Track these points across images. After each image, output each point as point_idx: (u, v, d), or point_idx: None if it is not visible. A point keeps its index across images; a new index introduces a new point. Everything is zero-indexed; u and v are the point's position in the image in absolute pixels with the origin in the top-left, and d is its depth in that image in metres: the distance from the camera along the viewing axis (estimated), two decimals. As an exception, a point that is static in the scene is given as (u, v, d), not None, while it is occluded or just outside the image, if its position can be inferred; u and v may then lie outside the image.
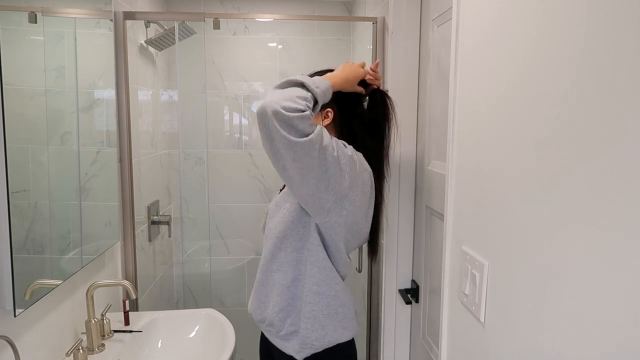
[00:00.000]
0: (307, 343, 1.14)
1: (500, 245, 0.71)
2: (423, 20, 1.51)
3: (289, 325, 1.16)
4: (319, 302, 1.14)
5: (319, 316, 1.14)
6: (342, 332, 1.18)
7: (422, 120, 1.52)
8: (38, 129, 1.08)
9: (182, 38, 2.22)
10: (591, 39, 0.50)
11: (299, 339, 1.14)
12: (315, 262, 1.13)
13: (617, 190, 0.46)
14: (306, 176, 1.00)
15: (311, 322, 1.14)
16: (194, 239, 2.58)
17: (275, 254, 1.16)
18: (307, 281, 1.14)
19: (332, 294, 1.16)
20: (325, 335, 1.15)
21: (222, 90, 2.50)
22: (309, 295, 1.14)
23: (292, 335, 1.16)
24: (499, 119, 0.71)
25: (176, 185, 2.53)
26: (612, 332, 0.47)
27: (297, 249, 1.14)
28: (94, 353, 1.29)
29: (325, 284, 1.15)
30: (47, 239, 1.12)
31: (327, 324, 1.15)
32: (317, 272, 1.14)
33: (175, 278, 2.53)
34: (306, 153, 0.98)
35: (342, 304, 1.18)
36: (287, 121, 0.95)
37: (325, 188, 1.04)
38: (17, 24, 1.00)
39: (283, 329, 1.16)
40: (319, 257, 1.13)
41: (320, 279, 1.14)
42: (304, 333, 1.14)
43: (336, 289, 1.16)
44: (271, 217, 1.19)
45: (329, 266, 1.15)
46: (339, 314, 1.17)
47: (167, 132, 2.44)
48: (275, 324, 1.17)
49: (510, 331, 0.68)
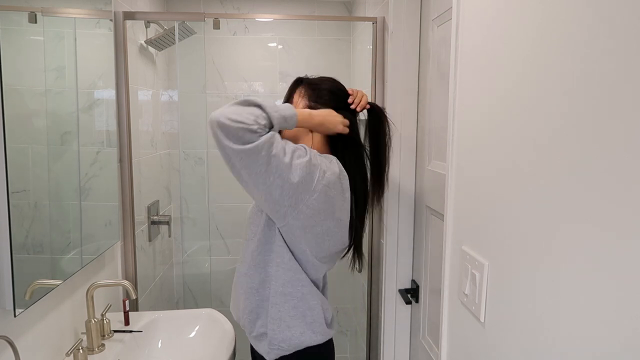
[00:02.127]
0: (274, 344, 1.15)
1: (500, 245, 0.71)
2: (423, 20, 1.51)
3: (259, 326, 1.18)
4: (285, 303, 1.15)
5: (285, 317, 1.15)
6: (311, 335, 1.17)
7: (422, 120, 1.52)
8: (38, 129, 1.08)
9: (182, 38, 2.22)
10: (591, 39, 0.50)
11: (268, 340, 1.16)
12: (281, 263, 1.14)
13: (616, 190, 0.46)
14: (257, 182, 1.03)
15: (277, 323, 1.15)
16: (194, 239, 2.58)
17: (245, 257, 1.19)
18: (274, 282, 1.15)
19: (299, 295, 1.15)
20: (292, 337, 1.15)
21: (222, 90, 2.50)
22: (276, 296, 1.15)
23: (262, 337, 1.18)
24: (499, 119, 0.71)
25: (176, 185, 2.53)
26: (612, 332, 0.47)
27: (265, 251, 1.16)
28: (94, 353, 1.29)
29: (290, 285, 1.15)
30: (47, 239, 1.12)
31: (293, 326, 1.15)
32: (282, 273, 1.14)
33: (175, 278, 2.53)
34: (253, 160, 1.01)
35: (310, 308, 1.17)
36: (230, 131, 0.99)
37: (279, 194, 1.05)
38: (17, 24, 1.00)
39: (254, 330, 1.18)
40: (283, 258, 1.14)
41: (286, 280, 1.14)
42: (271, 334, 1.15)
43: (302, 291, 1.16)
44: (249, 220, 1.22)
45: (295, 267, 1.15)
46: (307, 317, 1.16)
47: (167, 132, 2.44)
48: (246, 325, 1.20)
49: (510, 331, 0.68)
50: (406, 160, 1.59)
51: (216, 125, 1.00)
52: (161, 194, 2.31)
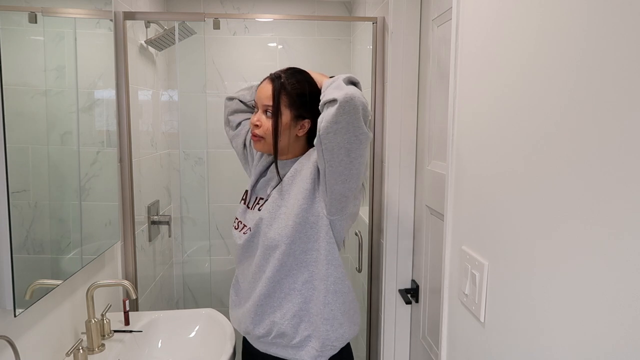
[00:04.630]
0: (327, 345, 1.12)
1: (500, 245, 0.71)
2: (423, 20, 1.51)
3: (303, 330, 1.14)
4: (336, 300, 1.13)
5: (337, 315, 1.13)
6: (354, 327, 1.19)
7: (422, 120, 1.52)
8: (38, 129, 1.08)
9: (182, 38, 2.22)
10: (591, 39, 0.50)
11: (319, 343, 1.12)
12: (332, 260, 1.13)
13: (616, 190, 0.46)
14: (360, 169, 1.05)
15: (331, 322, 1.13)
16: (194, 239, 2.58)
17: (285, 261, 1.13)
18: (323, 281, 1.12)
19: (346, 290, 1.16)
20: (344, 334, 1.15)
21: (222, 90, 2.50)
22: (328, 295, 1.12)
23: (307, 340, 1.14)
24: (499, 119, 0.71)
25: (176, 185, 2.53)
26: (612, 331, 0.47)
27: (305, 250, 1.13)
28: (94, 353, 1.29)
29: (341, 281, 1.14)
30: (47, 239, 1.12)
31: (344, 322, 1.15)
32: (333, 270, 1.13)
33: (175, 278, 2.53)
34: (365, 148, 1.03)
35: (352, 300, 1.19)
36: (367, 117, 1.01)
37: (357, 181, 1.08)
38: (17, 24, 1.00)
39: (297, 336, 1.14)
40: (334, 255, 1.13)
41: (337, 277, 1.13)
42: (324, 335, 1.12)
43: (348, 285, 1.18)
44: (268, 226, 1.14)
45: (341, 263, 1.15)
46: (351, 310, 1.18)
47: (167, 132, 2.44)
48: (287, 332, 1.14)
49: (510, 331, 0.68)
50: (406, 160, 1.59)
51: (361, 107, 0.98)
52: (161, 194, 2.31)
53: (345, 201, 1.09)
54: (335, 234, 1.13)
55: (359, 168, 1.05)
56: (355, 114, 0.97)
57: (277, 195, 1.17)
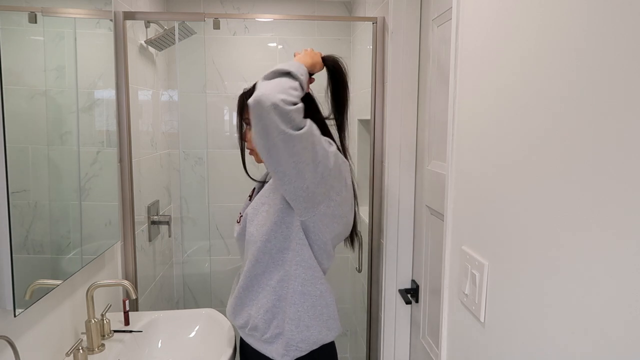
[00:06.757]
0: (291, 345, 1.13)
1: (500, 245, 0.71)
2: (423, 20, 1.51)
3: (274, 327, 1.15)
4: (304, 302, 1.13)
5: (304, 317, 1.13)
6: (327, 332, 1.17)
7: (422, 120, 1.52)
8: (38, 129, 1.08)
9: (182, 38, 2.22)
10: (591, 40, 0.50)
11: (284, 341, 1.13)
12: (301, 261, 1.13)
13: (616, 190, 0.46)
14: (303, 170, 0.98)
15: (296, 323, 1.13)
16: (194, 239, 2.58)
17: (260, 258, 1.15)
18: (292, 282, 1.13)
19: (317, 294, 1.15)
20: (310, 337, 1.14)
21: (222, 90, 2.50)
22: (294, 295, 1.13)
23: (277, 338, 1.15)
24: (499, 119, 0.71)
25: (176, 185, 2.53)
26: (612, 331, 0.47)
27: (281, 249, 1.14)
28: (94, 353, 1.29)
29: (310, 283, 1.14)
30: (47, 239, 1.12)
31: (312, 325, 1.14)
32: (302, 271, 1.13)
33: (175, 278, 2.53)
34: (303, 147, 0.95)
35: (326, 305, 1.17)
36: (285, 114, 0.91)
37: (319, 180, 1.02)
38: (17, 24, 1.00)
39: (268, 332, 1.15)
40: (304, 256, 1.12)
41: (305, 279, 1.13)
42: (289, 335, 1.13)
43: (321, 289, 1.16)
44: (250, 222, 1.17)
45: (313, 265, 1.14)
46: (324, 315, 1.16)
47: (167, 132, 2.44)
48: (259, 326, 1.16)
49: (510, 331, 0.68)
50: (406, 160, 1.59)
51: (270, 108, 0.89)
52: (161, 194, 2.31)
53: (303, 202, 1.05)
54: (312, 235, 1.12)
55: (301, 167, 0.97)
56: (268, 116, 0.90)
57: (263, 193, 1.20)
